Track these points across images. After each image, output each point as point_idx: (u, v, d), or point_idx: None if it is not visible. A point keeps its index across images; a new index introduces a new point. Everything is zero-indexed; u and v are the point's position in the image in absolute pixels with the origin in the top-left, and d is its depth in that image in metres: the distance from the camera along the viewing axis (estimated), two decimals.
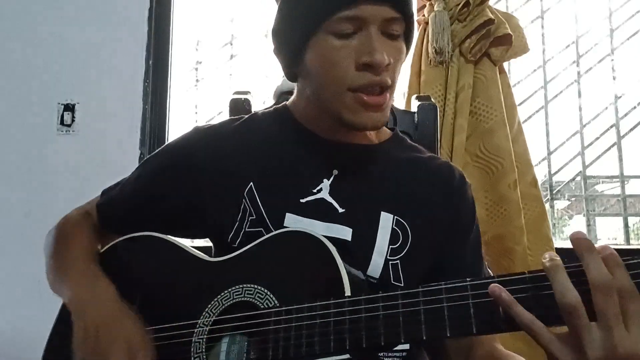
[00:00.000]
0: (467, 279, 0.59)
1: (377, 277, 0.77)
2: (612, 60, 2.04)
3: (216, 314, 0.71)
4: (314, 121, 0.87)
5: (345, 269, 0.67)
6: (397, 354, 0.78)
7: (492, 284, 0.56)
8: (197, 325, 0.72)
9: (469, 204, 0.89)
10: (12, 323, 1.83)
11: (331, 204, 0.81)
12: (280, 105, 0.94)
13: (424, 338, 0.59)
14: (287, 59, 0.84)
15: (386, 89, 0.78)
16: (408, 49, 0.83)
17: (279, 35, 0.83)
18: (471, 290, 0.58)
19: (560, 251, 1.65)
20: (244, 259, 0.75)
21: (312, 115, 0.86)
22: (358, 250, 0.77)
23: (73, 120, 1.95)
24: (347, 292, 0.65)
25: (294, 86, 0.92)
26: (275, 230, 0.78)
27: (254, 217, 0.81)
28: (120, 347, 0.69)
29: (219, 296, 0.72)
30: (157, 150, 0.95)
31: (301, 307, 0.65)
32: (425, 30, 1.69)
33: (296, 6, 0.79)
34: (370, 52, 0.74)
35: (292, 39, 0.80)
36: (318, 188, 0.82)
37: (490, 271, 0.89)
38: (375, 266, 0.78)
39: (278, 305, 0.68)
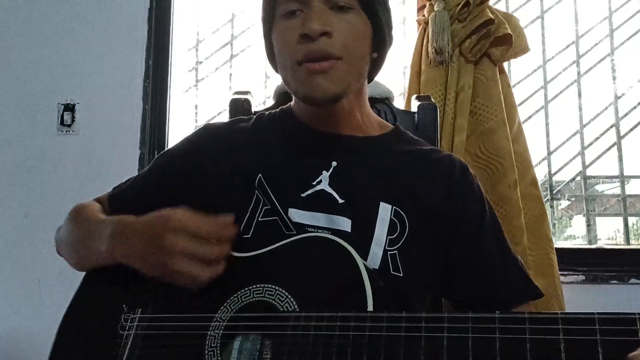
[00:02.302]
0: (497, 312, 0.56)
1: (377, 267, 0.78)
2: (612, 60, 2.04)
3: (234, 310, 0.71)
4: (309, 116, 0.89)
5: (370, 279, 0.66)
6: None
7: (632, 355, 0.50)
8: (214, 319, 0.71)
9: (474, 194, 0.87)
10: (12, 323, 1.83)
11: (331, 194, 0.82)
12: (286, 105, 0.96)
13: None
14: (268, 56, 0.89)
15: (330, 57, 0.78)
16: (375, 21, 0.84)
17: (263, 32, 0.89)
18: (499, 323, 0.56)
19: (560, 251, 1.66)
20: (268, 259, 0.75)
21: (306, 110, 0.89)
22: (357, 241, 0.77)
23: (73, 120, 1.95)
24: (370, 305, 0.64)
25: None
26: (287, 219, 0.79)
27: (269, 207, 0.82)
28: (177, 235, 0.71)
29: (238, 293, 0.72)
30: (168, 147, 0.98)
31: (321, 316, 0.64)
32: (425, 30, 1.69)
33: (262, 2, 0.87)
34: (304, 22, 0.78)
35: (264, 32, 0.87)
36: (317, 180, 0.83)
37: (523, 267, 0.86)
38: (374, 257, 0.78)
39: (297, 309, 0.67)
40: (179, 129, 2.09)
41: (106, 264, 0.80)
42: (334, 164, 0.84)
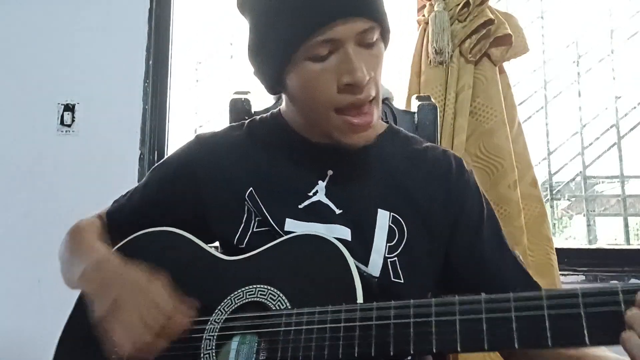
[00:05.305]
0: (482, 294, 0.58)
1: (377, 275, 0.77)
2: (612, 60, 2.04)
3: (228, 312, 0.72)
4: (304, 128, 0.88)
5: (359, 273, 0.67)
6: None
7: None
8: (209, 322, 0.72)
9: (472, 192, 0.86)
10: (12, 323, 1.83)
11: (328, 205, 0.81)
12: (276, 110, 0.95)
13: (434, 351, 0.58)
14: (267, 82, 0.83)
15: (372, 101, 0.77)
16: (386, 45, 0.81)
17: (257, 59, 0.82)
18: (485, 304, 0.57)
19: (560, 251, 1.66)
20: (259, 260, 0.76)
21: (302, 123, 0.87)
22: (357, 250, 0.77)
23: (73, 120, 1.95)
24: (360, 299, 0.65)
25: None
26: (280, 231, 0.79)
27: (261, 219, 0.82)
28: (150, 313, 0.68)
29: (232, 295, 0.73)
30: (163, 159, 0.98)
31: (312, 311, 0.65)
32: (425, 30, 1.69)
33: (271, 31, 0.77)
34: (350, 71, 0.73)
35: (270, 65, 0.79)
36: (314, 191, 0.82)
37: (522, 263, 0.87)
38: (374, 265, 0.78)
39: (289, 307, 0.68)
40: (179, 129, 2.09)
41: (81, 289, 0.80)
42: (330, 172, 0.84)
